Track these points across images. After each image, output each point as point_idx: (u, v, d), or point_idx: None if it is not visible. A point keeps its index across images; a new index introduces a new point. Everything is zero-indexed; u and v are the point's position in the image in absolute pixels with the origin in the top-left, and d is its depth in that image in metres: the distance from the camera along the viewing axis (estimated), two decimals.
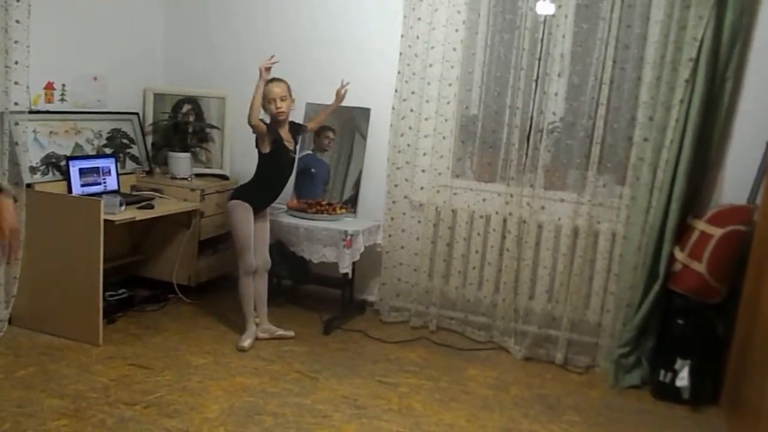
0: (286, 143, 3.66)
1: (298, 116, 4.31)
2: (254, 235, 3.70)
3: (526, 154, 3.88)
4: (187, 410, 2.92)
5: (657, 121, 3.52)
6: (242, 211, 3.63)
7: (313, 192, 4.28)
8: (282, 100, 3.59)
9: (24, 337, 3.52)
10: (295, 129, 3.80)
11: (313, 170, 4.33)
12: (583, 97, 3.78)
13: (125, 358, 3.38)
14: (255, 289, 3.76)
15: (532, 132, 3.85)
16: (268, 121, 3.66)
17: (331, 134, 4.35)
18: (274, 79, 3.62)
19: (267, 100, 3.59)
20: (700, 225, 3.42)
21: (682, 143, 3.45)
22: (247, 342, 3.63)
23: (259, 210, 3.71)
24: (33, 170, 3.73)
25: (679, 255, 3.48)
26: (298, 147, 3.88)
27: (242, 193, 3.69)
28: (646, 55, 3.59)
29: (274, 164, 3.66)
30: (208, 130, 4.56)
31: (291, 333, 3.85)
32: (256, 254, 3.72)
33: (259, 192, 3.67)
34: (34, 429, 2.66)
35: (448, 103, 3.99)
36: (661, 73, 3.49)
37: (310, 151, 4.37)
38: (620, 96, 3.69)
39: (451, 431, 2.94)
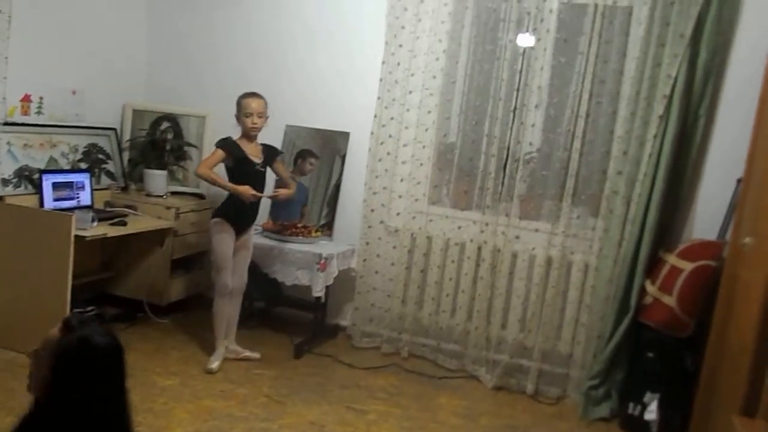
0: (251, 157, 3.61)
1: (277, 137, 4.33)
2: (234, 255, 3.65)
3: (502, 183, 3.91)
4: None
5: (631, 154, 3.57)
6: (220, 230, 3.58)
7: (290, 214, 4.26)
8: (259, 116, 3.57)
9: None
10: (269, 150, 3.76)
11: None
12: (559, 128, 3.82)
13: None
14: (228, 310, 3.71)
15: (509, 161, 3.89)
16: (238, 134, 3.63)
17: (313, 160, 4.35)
18: (253, 94, 3.61)
19: (243, 114, 3.57)
20: (671, 259, 3.46)
21: (655, 177, 3.50)
22: (215, 364, 3.58)
23: (240, 228, 3.65)
24: (5, 182, 3.68)
25: (650, 288, 3.50)
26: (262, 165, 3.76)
27: (220, 210, 3.65)
28: (621, 90, 3.65)
29: (239, 178, 3.58)
30: (186, 148, 4.54)
31: (257, 355, 3.80)
32: (234, 275, 3.68)
33: (233, 207, 3.61)
34: None
35: (427, 130, 4.02)
36: (636, 108, 3.55)
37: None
38: (596, 129, 3.75)
39: None
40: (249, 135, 3.62)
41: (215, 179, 3.53)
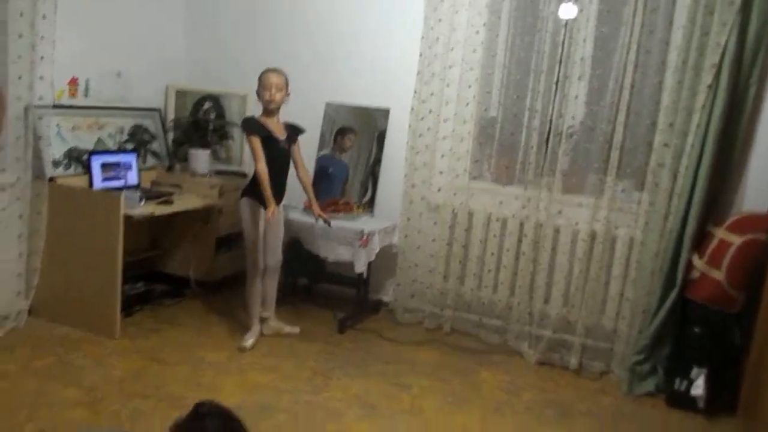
0: (275, 135, 3.62)
1: (317, 116, 4.35)
2: (266, 232, 3.68)
3: (545, 158, 3.86)
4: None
5: (678, 126, 3.48)
6: (249, 209, 3.61)
7: (331, 192, 4.29)
8: (278, 90, 3.57)
9: (43, 328, 3.58)
10: (292, 128, 3.74)
11: (330, 170, 4.35)
12: (603, 101, 3.75)
13: (141, 352, 3.43)
14: (264, 286, 3.76)
15: (551, 135, 3.83)
16: (260, 112, 3.64)
17: (352, 136, 4.36)
18: (273, 69, 3.61)
19: (263, 88, 3.57)
20: (720, 233, 3.38)
21: (703, 149, 3.41)
22: (249, 341, 3.63)
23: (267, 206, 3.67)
24: (55, 164, 3.79)
25: (698, 262, 3.44)
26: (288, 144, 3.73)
27: (248, 189, 3.67)
28: (668, 60, 3.55)
29: (266, 156, 3.55)
30: (228, 127, 4.60)
31: (297, 330, 3.87)
32: (268, 252, 3.72)
33: (259, 186, 3.60)
34: (50, 418, 2.70)
35: (467, 104, 3.99)
36: (683, 78, 3.45)
37: (327, 152, 4.39)
38: (641, 100, 3.67)
39: None
40: (268, 109, 3.60)
41: (266, 186, 3.49)
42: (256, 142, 3.52)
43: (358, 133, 4.36)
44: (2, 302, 3.50)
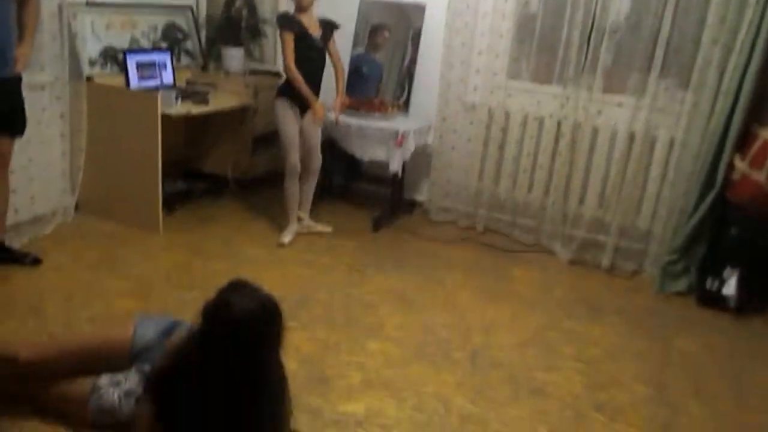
0: (310, 32, 3.56)
1: (351, 14, 4.25)
2: (302, 134, 3.70)
3: (586, 55, 3.74)
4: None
5: (729, 22, 3.33)
6: (284, 109, 3.61)
7: (365, 91, 4.25)
8: None
9: (90, 224, 3.71)
10: (326, 23, 3.68)
11: (364, 69, 4.28)
12: None
13: (184, 246, 3.55)
14: (302, 188, 3.81)
15: (594, 32, 3.70)
16: (293, 8, 3.58)
17: (386, 33, 4.27)
18: None
19: None
20: (765, 133, 3.30)
21: (754, 46, 3.26)
22: (287, 238, 3.73)
23: (304, 106, 3.66)
24: (92, 63, 3.80)
25: (740, 164, 3.38)
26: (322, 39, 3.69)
27: (282, 89, 3.66)
28: None
29: (300, 53, 3.54)
30: (260, 24, 4.52)
31: (329, 228, 3.94)
32: (307, 155, 3.75)
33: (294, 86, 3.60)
34: (103, 306, 2.85)
35: None
36: None
37: (362, 50, 4.31)
38: None
39: (493, 326, 3.03)
40: (301, 6, 3.54)
41: (300, 83, 3.51)
42: (289, 39, 3.47)
43: (392, 29, 4.25)
44: (50, 199, 3.63)
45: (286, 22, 3.51)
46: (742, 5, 3.27)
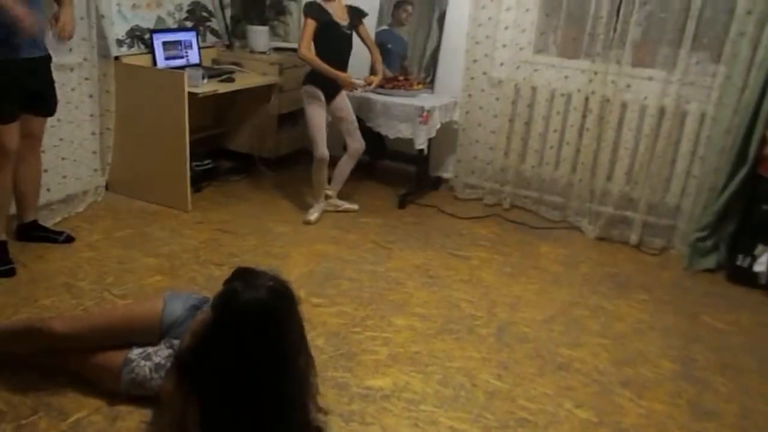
0: (337, 20, 3.56)
1: None
2: (337, 118, 3.73)
3: (615, 29, 3.68)
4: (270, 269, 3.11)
5: None
6: (310, 97, 3.62)
7: (390, 67, 4.23)
8: None
9: (120, 202, 3.78)
10: (355, 11, 3.68)
11: (389, 46, 4.26)
12: None
13: (212, 224, 3.60)
14: (339, 165, 3.83)
15: (623, 3, 3.63)
16: None
17: (409, 8, 4.24)
18: None
19: None
20: None
21: None
22: (314, 216, 3.75)
23: (331, 91, 3.66)
24: (119, 43, 3.83)
25: None
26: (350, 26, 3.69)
27: (309, 77, 3.66)
28: None
29: (326, 40, 3.56)
30: (285, 2, 4.52)
31: (355, 207, 3.96)
32: (346, 134, 3.77)
33: (321, 73, 3.60)
34: (134, 282, 2.92)
35: None
36: None
37: (386, 27, 4.28)
38: None
39: (519, 302, 3.04)
40: None
41: (318, 63, 3.52)
42: (311, 26, 3.48)
43: (416, 4, 4.22)
44: (81, 178, 3.70)
45: (311, 9, 3.52)
46: None
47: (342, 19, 3.61)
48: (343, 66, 3.67)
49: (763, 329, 3.00)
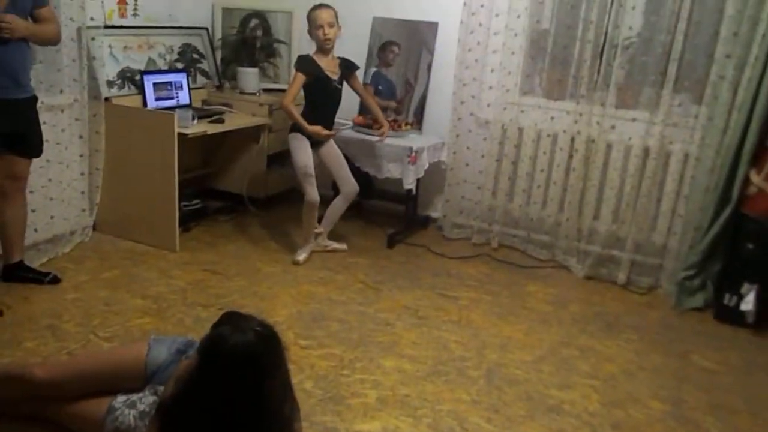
0: (327, 73, 3.62)
1: (364, 31, 4.30)
2: (328, 165, 3.77)
3: (599, 71, 3.75)
4: (258, 314, 3.07)
5: (742, 36, 3.33)
6: (297, 141, 3.65)
7: (381, 108, 4.26)
8: (330, 26, 3.54)
9: (108, 243, 3.76)
10: (345, 64, 3.75)
11: (379, 87, 4.32)
12: (662, 10, 3.59)
13: (200, 264, 3.59)
14: (332, 205, 3.84)
15: (606, 48, 3.71)
16: (314, 49, 3.64)
17: (396, 49, 4.31)
18: (321, 5, 3.56)
19: (314, 27, 3.55)
20: None
21: None
22: (302, 256, 3.73)
23: (316, 140, 3.68)
24: (110, 84, 3.86)
25: (755, 178, 3.36)
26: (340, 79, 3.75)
27: (295, 125, 3.68)
28: None
29: (316, 94, 3.64)
30: (275, 45, 4.59)
31: (344, 246, 3.96)
32: (338, 180, 3.80)
33: (309, 121, 3.62)
34: (120, 325, 2.88)
35: (519, 16, 3.87)
36: None
37: (375, 68, 4.35)
38: (703, 9, 3.50)
39: (508, 343, 3.03)
40: (323, 48, 3.60)
41: (296, 117, 3.56)
42: (299, 80, 3.55)
43: (402, 45, 4.29)
44: (69, 219, 3.67)
45: (302, 64, 3.57)
46: (755, 19, 3.27)
47: (333, 73, 3.66)
48: (330, 118, 3.73)
49: (751, 368, 3.01)
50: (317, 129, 3.60)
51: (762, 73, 3.28)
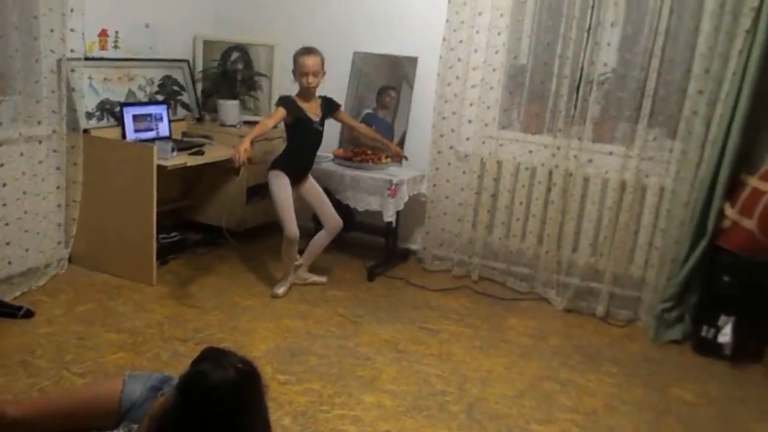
0: (309, 114, 3.64)
1: (345, 65, 4.34)
2: (310, 202, 3.80)
3: (575, 106, 3.82)
4: (236, 348, 3.02)
5: (713, 72, 3.41)
6: (277, 179, 3.64)
7: (377, 149, 4.25)
8: (314, 75, 3.57)
9: (83, 276, 3.70)
10: (327, 104, 3.78)
11: (374, 127, 4.32)
12: (636, 47, 3.68)
13: (178, 298, 3.54)
14: (315, 239, 3.85)
15: (582, 83, 3.79)
16: (296, 89, 3.66)
17: (392, 93, 4.35)
18: (308, 51, 3.58)
19: (299, 72, 3.57)
20: (753, 181, 3.35)
21: (739, 96, 3.34)
22: (281, 290, 3.71)
23: (297, 178, 3.71)
24: (89, 116, 3.84)
25: (729, 211, 3.41)
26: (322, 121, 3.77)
27: (277, 162, 3.71)
28: (705, 4, 3.45)
29: (298, 135, 3.67)
30: (256, 78, 4.61)
31: (324, 279, 3.95)
32: (321, 217, 3.80)
33: (290, 161, 3.67)
34: (94, 360, 2.83)
35: (497, 52, 3.93)
36: (720, 23, 3.36)
37: (370, 111, 4.38)
38: (676, 47, 3.58)
39: (489, 377, 3.01)
40: (306, 91, 3.64)
41: (255, 135, 3.47)
42: (280, 112, 3.54)
43: (397, 88, 4.33)
44: (44, 251, 3.61)
45: (284, 103, 3.58)
46: (726, 56, 3.36)
47: (315, 114, 3.68)
48: (309, 159, 3.77)
49: (731, 401, 3.02)
50: (240, 149, 3.37)
51: (734, 109, 3.35)
